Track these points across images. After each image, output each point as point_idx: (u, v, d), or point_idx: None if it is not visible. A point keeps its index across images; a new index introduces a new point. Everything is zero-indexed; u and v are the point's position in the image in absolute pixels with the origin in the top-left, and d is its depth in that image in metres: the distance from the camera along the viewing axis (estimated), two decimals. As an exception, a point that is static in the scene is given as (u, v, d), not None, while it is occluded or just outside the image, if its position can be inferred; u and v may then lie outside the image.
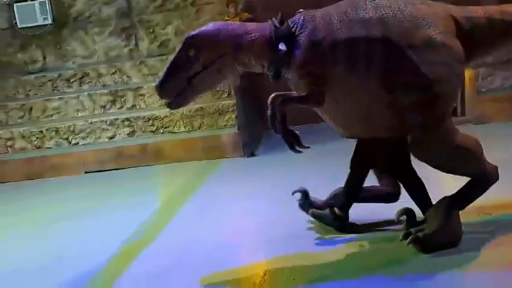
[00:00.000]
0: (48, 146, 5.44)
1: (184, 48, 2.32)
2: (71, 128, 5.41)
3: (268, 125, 2.38)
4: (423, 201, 2.48)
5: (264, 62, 2.35)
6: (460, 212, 2.37)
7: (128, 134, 5.36)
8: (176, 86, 2.33)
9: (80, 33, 6.06)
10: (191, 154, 4.87)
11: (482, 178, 2.38)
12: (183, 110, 5.24)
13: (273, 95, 2.34)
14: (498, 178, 2.41)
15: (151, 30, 5.95)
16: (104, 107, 5.64)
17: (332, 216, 2.64)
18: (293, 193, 2.78)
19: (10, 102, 5.78)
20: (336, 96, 2.31)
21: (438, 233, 2.29)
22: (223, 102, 5.18)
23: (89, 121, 5.42)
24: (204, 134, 5.08)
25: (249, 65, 2.38)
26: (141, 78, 5.83)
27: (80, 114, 5.63)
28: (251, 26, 2.39)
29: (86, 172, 5.05)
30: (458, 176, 2.45)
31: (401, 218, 2.41)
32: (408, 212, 2.41)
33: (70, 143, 5.41)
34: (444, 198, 2.39)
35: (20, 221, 3.80)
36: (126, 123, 5.37)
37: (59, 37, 6.08)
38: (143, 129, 5.33)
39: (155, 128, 5.31)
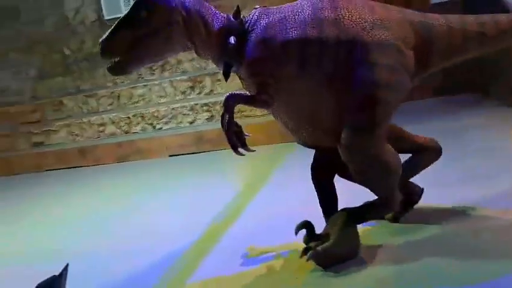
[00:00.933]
0: (135, 131, 5.85)
1: (135, 7, 2.22)
2: (155, 114, 5.77)
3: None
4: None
5: (212, 52, 2.31)
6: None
7: (207, 118, 5.63)
8: (122, 44, 2.19)
9: (160, 22, 6.35)
10: (267, 137, 5.02)
11: (385, 202, 2.32)
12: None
13: (227, 94, 2.29)
14: (395, 209, 2.39)
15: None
16: (184, 93, 5.93)
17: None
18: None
19: (100, 90, 6.24)
20: (287, 99, 2.26)
21: (335, 247, 2.25)
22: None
23: (171, 107, 5.74)
24: (279, 118, 5.21)
25: (196, 46, 2.31)
26: (218, 64, 6.04)
27: (162, 100, 5.96)
28: (208, 7, 2.31)
29: (170, 156, 5.39)
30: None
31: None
32: (306, 225, 2.38)
33: (154, 127, 5.78)
34: (343, 209, 2.36)
35: (115, 200, 4.19)
36: (205, 108, 5.63)
37: (141, 27, 6.41)
38: (221, 113, 5.54)
39: (232, 112, 5.51)
